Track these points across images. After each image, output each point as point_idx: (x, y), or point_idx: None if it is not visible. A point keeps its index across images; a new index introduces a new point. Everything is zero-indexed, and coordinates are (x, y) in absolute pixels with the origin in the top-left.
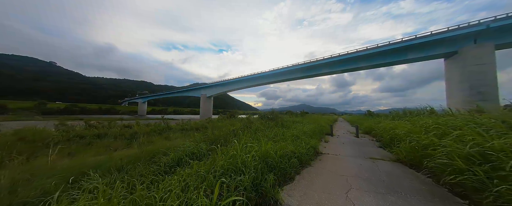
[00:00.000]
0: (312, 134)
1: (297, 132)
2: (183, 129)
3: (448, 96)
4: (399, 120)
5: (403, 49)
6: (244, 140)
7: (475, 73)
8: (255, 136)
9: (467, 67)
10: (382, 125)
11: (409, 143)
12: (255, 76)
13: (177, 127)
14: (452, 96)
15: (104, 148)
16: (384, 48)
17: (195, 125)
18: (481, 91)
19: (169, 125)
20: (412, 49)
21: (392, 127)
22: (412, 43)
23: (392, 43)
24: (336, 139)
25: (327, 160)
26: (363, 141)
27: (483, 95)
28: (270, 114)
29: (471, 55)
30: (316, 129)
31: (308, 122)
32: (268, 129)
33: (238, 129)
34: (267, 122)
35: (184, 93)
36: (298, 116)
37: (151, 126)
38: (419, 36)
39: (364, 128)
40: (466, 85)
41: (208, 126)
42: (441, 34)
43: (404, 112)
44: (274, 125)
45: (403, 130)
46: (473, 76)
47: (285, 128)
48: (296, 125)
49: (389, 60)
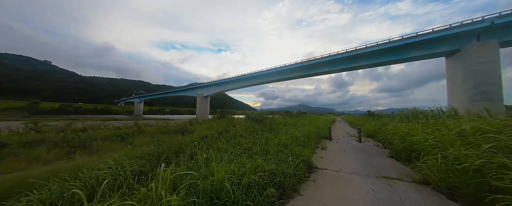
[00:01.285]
0: (307, 139)
1: (286, 138)
2: (158, 132)
3: (450, 96)
4: (408, 122)
5: (403, 47)
6: (200, 154)
7: (478, 72)
8: (226, 146)
9: (470, 66)
10: (390, 128)
11: (443, 158)
12: (253, 75)
13: (152, 129)
14: (454, 96)
15: (27, 161)
16: (384, 46)
17: (175, 127)
18: (485, 90)
19: (142, 127)
20: (413, 47)
21: (407, 132)
22: (413, 41)
23: (392, 41)
24: (335, 144)
25: (323, 182)
26: (368, 148)
27: (487, 94)
28: (259, 115)
29: (475, 53)
30: (311, 132)
31: (303, 123)
32: (251, 134)
33: (210, 135)
34: (252, 125)
35: (181, 93)
36: (293, 117)
37: (117, 129)
38: (420, 34)
39: (366, 130)
40: (469, 85)
41: (191, 128)
42: (443, 32)
43: (414, 112)
44: (260, 128)
45: (426, 138)
46: (477, 75)
47: (274, 132)
48: (288, 128)
49: (389, 58)
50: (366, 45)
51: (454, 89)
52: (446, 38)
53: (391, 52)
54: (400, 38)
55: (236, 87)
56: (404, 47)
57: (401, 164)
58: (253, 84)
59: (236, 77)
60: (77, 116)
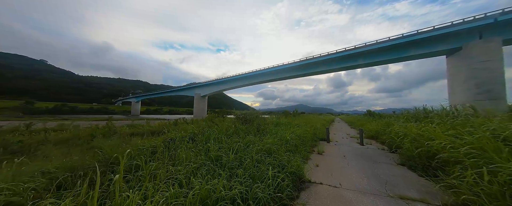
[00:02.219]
0: (300, 142)
1: (274, 141)
2: (134, 133)
3: (451, 96)
4: (418, 122)
5: (403, 46)
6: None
7: (481, 70)
8: (184, 156)
9: (472, 65)
10: (397, 129)
11: (490, 174)
12: (251, 74)
13: (124, 130)
14: (455, 95)
15: None
16: (383, 44)
17: (157, 128)
18: (488, 89)
19: (113, 128)
20: (413, 45)
21: (421, 134)
22: (413, 38)
23: (392, 39)
24: (334, 147)
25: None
26: (372, 152)
27: (490, 93)
28: (249, 114)
29: (477, 52)
30: (307, 133)
31: (298, 124)
32: (231, 137)
33: (179, 138)
34: (235, 125)
35: (178, 92)
36: (288, 117)
37: (79, 130)
38: (421, 32)
39: (367, 131)
40: (471, 84)
41: (174, 128)
42: (445, 29)
43: (419, 111)
44: (246, 129)
45: (454, 142)
46: (479, 73)
47: (261, 134)
48: (280, 129)
49: (388, 57)
50: (365, 44)
51: (455, 88)
52: (447, 36)
53: (390, 50)
54: (400, 36)
55: (234, 87)
56: (404, 45)
57: (417, 175)
58: (251, 84)
59: (234, 77)
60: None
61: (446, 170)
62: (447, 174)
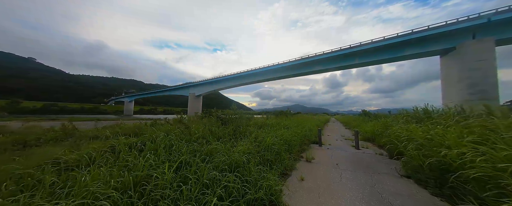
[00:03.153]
0: (287, 147)
1: (247, 149)
2: (97, 136)
3: (445, 96)
4: (420, 123)
5: (398, 45)
6: None
7: (474, 70)
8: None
9: (466, 64)
10: (398, 131)
11: None
12: (247, 73)
13: (92, 133)
14: (448, 95)
15: None
16: (379, 44)
17: (127, 130)
18: (482, 89)
19: (71, 130)
20: (408, 45)
21: (429, 138)
22: (408, 38)
23: (387, 38)
24: (326, 152)
25: None
26: (369, 158)
27: (483, 94)
28: (233, 114)
29: (470, 51)
30: (298, 135)
31: (288, 125)
32: (191, 143)
33: (122, 146)
34: (210, 127)
35: (172, 92)
36: (280, 117)
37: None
38: (416, 31)
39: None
40: (465, 84)
41: (145, 130)
42: (439, 29)
43: (425, 111)
44: (221, 133)
45: (478, 154)
46: (473, 73)
47: (237, 139)
48: (263, 132)
49: (383, 57)
50: (361, 43)
51: (448, 88)
52: (442, 36)
53: (385, 50)
54: (395, 36)
55: (229, 86)
56: (399, 45)
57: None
58: (246, 83)
59: (229, 76)
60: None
61: (472, 190)
62: (480, 199)
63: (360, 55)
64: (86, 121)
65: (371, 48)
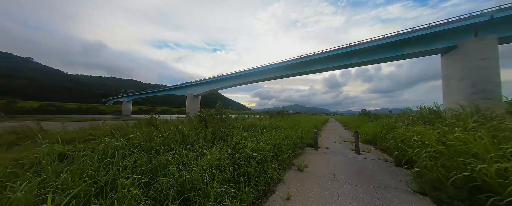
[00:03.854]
0: (275, 153)
1: (216, 160)
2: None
3: (446, 95)
4: (429, 124)
5: (398, 44)
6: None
7: (476, 69)
8: None
9: (467, 63)
10: (404, 134)
11: None
12: (245, 73)
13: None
14: (449, 95)
15: None
16: (378, 42)
17: (102, 131)
18: (484, 88)
19: (27, 131)
20: (408, 43)
21: (449, 143)
22: (409, 36)
23: (387, 37)
24: (321, 158)
25: None
26: (371, 165)
27: (486, 93)
28: (217, 113)
29: (472, 50)
30: (292, 138)
31: (281, 126)
32: (146, 152)
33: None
34: (180, 129)
35: (170, 92)
36: (275, 117)
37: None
38: (416, 29)
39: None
40: (467, 83)
41: (128, 131)
42: (440, 27)
43: (431, 110)
44: (195, 136)
45: None
46: (475, 72)
47: (213, 144)
48: (249, 135)
49: (383, 55)
50: (360, 42)
51: (450, 88)
52: (442, 34)
53: (385, 49)
54: (395, 34)
55: (228, 86)
56: (399, 43)
57: None
58: (245, 83)
59: (228, 75)
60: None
61: None
62: None
63: (360, 54)
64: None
65: (371, 47)
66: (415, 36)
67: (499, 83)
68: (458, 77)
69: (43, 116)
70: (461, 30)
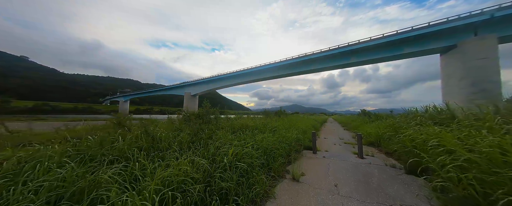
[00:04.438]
0: (265, 160)
1: (177, 175)
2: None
3: (445, 95)
4: (439, 124)
5: (397, 43)
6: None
7: (476, 68)
8: None
9: (467, 62)
10: (417, 137)
11: None
12: (243, 72)
13: (22, 137)
14: (449, 95)
15: None
16: (377, 41)
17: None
18: (485, 88)
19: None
20: (407, 42)
21: (492, 152)
22: (408, 35)
23: (386, 35)
24: (320, 163)
25: None
26: (378, 172)
27: (486, 93)
28: (205, 113)
29: (472, 49)
30: (283, 142)
31: (276, 126)
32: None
33: None
34: (153, 132)
35: (167, 91)
36: (270, 117)
37: None
38: (415, 28)
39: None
40: (467, 83)
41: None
42: (440, 26)
43: (441, 110)
44: (174, 139)
45: None
46: (475, 72)
47: (188, 151)
48: (236, 137)
49: (383, 55)
50: (359, 41)
51: (449, 88)
52: (442, 33)
53: (384, 48)
54: (394, 33)
55: (226, 86)
56: (398, 42)
57: None
58: (243, 82)
59: (226, 75)
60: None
61: None
62: None
63: (358, 54)
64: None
65: (370, 46)
66: (414, 35)
67: (500, 83)
68: (457, 77)
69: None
70: (461, 29)
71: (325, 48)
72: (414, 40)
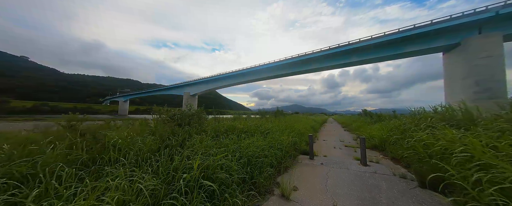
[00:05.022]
0: (251, 171)
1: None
2: None
3: (448, 94)
4: (456, 127)
5: (399, 42)
6: None
7: (481, 67)
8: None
9: (471, 61)
10: (436, 142)
11: None
12: (243, 72)
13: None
14: (452, 94)
15: None
16: (378, 40)
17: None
18: (489, 87)
19: None
20: (409, 41)
21: None
22: (410, 33)
23: (387, 34)
24: (318, 172)
25: None
26: (387, 185)
27: (491, 92)
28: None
29: (476, 47)
30: (276, 148)
31: (269, 128)
32: None
33: None
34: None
35: (167, 91)
36: (265, 118)
37: None
38: (418, 26)
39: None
40: (471, 82)
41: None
42: (443, 23)
43: (449, 111)
44: (127, 147)
45: None
46: (479, 71)
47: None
48: (217, 143)
49: (384, 54)
50: (360, 39)
51: (452, 87)
52: (445, 31)
53: (386, 47)
54: (396, 31)
55: (225, 85)
56: (400, 41)
57: None
58: (243, 82)
59: (225, 75)
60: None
61: None
62: None
63: (359, 53)
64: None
65: (371, 45)
66: (417, 34)
67: (505, 82)
68: (461, 76)
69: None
70: (465, 27)
71: (325, 47)
72: (416, 39)
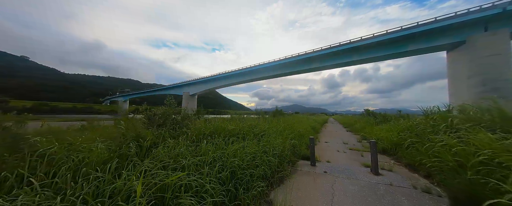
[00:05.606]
0: (235, 188)
1: None
2: None
3: (452, 94)
4: (490, 131)
5: (402, 40)
6: None
7: (487, 66)
8: None
9: (477, 59)
10: (468, 147)
11: None
12: (242, 71)
13: None
14: (457, 94)
15: None
16: (380, 38)
17: None
18: (496, 87)
19: None
20: (412, 39)
21: None
22: (413, 31)
23: (390, 32)
24: (320, 184)
25: None
26: (408, 203)
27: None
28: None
29: (482, 45)
30: (270, 153)
31: (265, 130)
32: None
33: None
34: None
35: (166, 91)
36: (263, 118)
37: None
38: (421, 23)
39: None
40: (477, 81)
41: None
42: (448, 20)
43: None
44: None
45: None
46: (486, 69)
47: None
48: (194, 150)
49: (386, 52)
50: (361, 38)
51: (457, 86)
52: (450, 29)
53: (387, 45)
54: (399, 29)
55: (225, 85)
56: (403, 39)
57: None
58: (243, 82)
59: (225, 74)
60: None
61: None
62: None
63: (360, 51)
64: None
65: (372, 43)
66: (420, 31)
67: None
68: (466, 75)
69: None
70: (470, 24)
71: (326, 46)
72: (419, 37)
